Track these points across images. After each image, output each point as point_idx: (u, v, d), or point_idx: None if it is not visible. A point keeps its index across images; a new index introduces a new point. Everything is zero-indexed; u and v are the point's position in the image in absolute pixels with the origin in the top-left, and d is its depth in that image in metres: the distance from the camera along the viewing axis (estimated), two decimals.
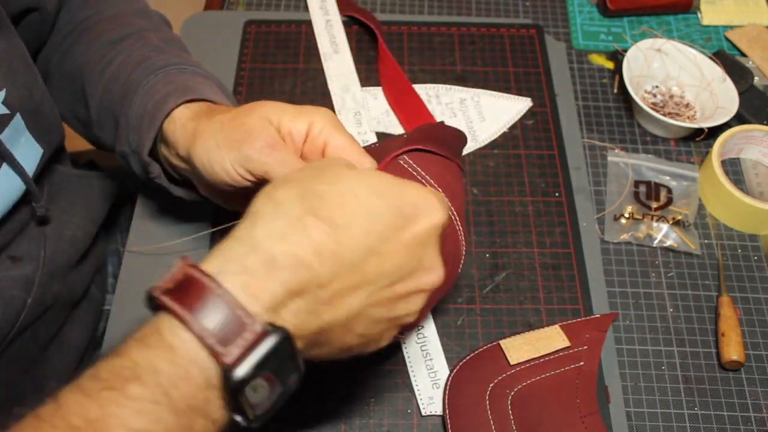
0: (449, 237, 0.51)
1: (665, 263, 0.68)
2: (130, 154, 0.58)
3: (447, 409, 0.57)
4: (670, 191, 0.72)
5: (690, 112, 0.77)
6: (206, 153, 0.49)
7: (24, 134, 0.56)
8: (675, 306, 0.65)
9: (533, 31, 0.84)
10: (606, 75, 0.82)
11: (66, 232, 0.65)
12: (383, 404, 0.59)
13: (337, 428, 0.58)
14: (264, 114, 0.49)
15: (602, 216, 0.70)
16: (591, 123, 0.78)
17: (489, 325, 0.63)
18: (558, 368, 0.59)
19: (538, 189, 0.72)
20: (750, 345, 0.63)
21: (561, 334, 0.61)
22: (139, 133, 0.55)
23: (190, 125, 0.52)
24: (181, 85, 0.56)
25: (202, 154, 0.50)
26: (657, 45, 0.78)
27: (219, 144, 0.49)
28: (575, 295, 0.65)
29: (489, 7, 0.88)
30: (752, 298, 0.66)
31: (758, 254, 0.69)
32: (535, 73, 0.81)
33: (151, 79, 0.57)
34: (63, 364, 0.68)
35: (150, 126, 0.54)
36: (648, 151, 0.75)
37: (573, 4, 0.89)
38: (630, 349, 0.63)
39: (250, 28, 0.83)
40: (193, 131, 0.51)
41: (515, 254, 0.67)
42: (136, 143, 0.56)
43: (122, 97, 0.58)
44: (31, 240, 0.61)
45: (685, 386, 0.61)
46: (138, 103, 0.56)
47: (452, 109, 0.77)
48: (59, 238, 0.64)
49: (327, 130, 0.48)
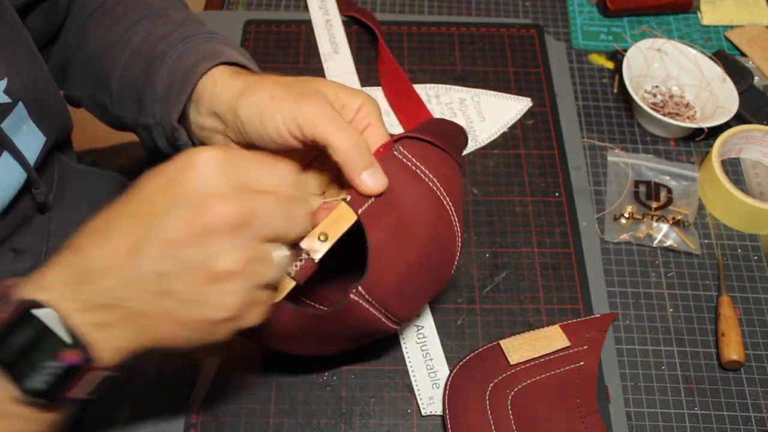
0: (442, 225, 0.51)
1: (665, 263, 0.68)
2: (154, 126, 0.57)
3: (447, 409, 0.57)
4: (670, 191, 0.72)
5: (690, 112, 0.77)
6: (258, 106, 0.49)
7: (26, 122, 0.56)
8: (675, 306, 0.65)
9: (533, 31, 0.84)
10: (606, 75, 0.82)
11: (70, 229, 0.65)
12: (383, 404, 0.59)
13: (337, 428, 0.58)
14: (321, 85, 0.50)
15: (602, 216, 0.70)
16: (591, 123, 0.78)
17: (489, 325, 0.63)
18: (558, 368, 0.59)
19: (538, 189, 0.72)
20: (750, 345, 0.63)
21: (561, 334, 0.61)
22: (167, 101, 0.55)
23: (236, 81, 0.52)
24: (212, 51, 0.55)
25: (252, 107, 0.49)
26: (657, 45, 0.78)
27: (275, 95, 0.48)
28: (575, 295, 0.65)
29: (489, 7, 0.88)
30: (752, 298, 0.66)
31: (758, 254, 0.69)
32: (535, 73, 0.81)
33: (179, 47, 0.56)
34: None
35: (182, 90, 0.54)
36: (648, 151, 0.75)
37: (573, 4, 0.89)
38: (630, 349, 0.63)
39: (250, 28, 0.83)
40: (243, 85, 0.51)
41: (515, 254, 0.67)
42: (162, 114, 0.56)
43: (146, 71, 0.57)
44: (34, 234, 0.61)
45: (685, 386, 0.61)
46: (165, 74, 0.56)
47: (452, 109, 0.77)
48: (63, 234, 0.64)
49: (374, 116, 0.50)
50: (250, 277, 0.39)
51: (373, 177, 0.47)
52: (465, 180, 0.72)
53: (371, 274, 0.47)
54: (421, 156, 0.51)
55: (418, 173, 0.50)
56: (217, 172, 0.38)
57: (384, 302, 0.48)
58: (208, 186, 0.38)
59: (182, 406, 0.58)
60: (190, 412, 0.58)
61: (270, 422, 0.58)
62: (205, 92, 0.53)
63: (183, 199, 0.37)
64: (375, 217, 0.47)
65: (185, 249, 0.37)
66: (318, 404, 0.59)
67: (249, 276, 0.39)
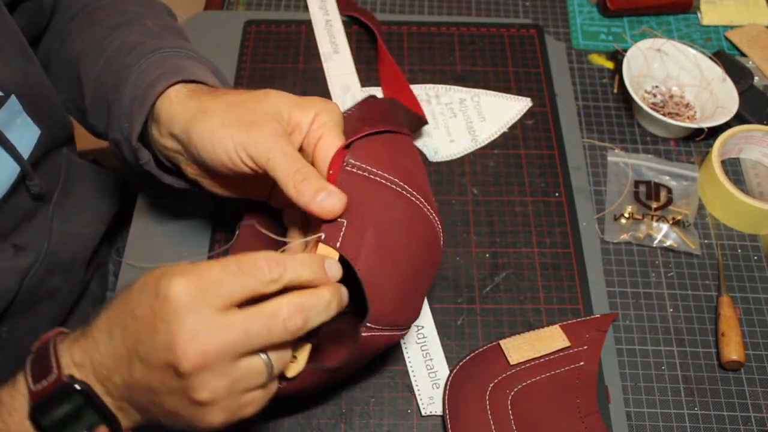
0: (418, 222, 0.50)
1: (665, 263, 0.68)
2: (123, 142, 0.56)
3: (447, 409, 0.57)
4: (670, 191, 0.72)
5: (690, 112, 0.77)
6: (209, 131, 0.48)
7: (20, 115, 0.55)
8: (675, 306, 0.65)
9: (533, 31, 0.84)
10: (606, 75, 0.82)
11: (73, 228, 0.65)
12: (383, 404, 0.59)
13: (337, 428, 0.58)
14: (275, 103, 0.49)
15: (602, 216, 0.70)
16: (591, 123, 0.78)
17: (489, 325, 0.63)
18: (558, 368, 0.59)
19: (538, 189, 0.72)
20: (750, 345, 0.63)
21: (561, 334, 0.61)
22: (130, 117, 0.54)
23: (191, 103, 0.50)
24: (173, 66, 0.54)
25: (203, 131, 0.48)
26: (657, 45, 0.78)
27: (225, 123, 0.48)
28: (575, 295, 0.65)
29: (489, 7, 0.88)
30: (752, 298, 0.66)
31: (758, 254, 0.69)
32: (535, 73, 0.81)
33: (143, 62, 0.55)
34: None
35: (141, 107, 0.53)
36: (648, 151, 0.75)
37: (573, 4, 0.89)
38: (630, 349, 0.63)
39: (250, 28, 0.83)
40: (195, 108, 0.50)
41: (515, 254, 0.67)
42: (128, 129, 0.55)
43: (115, 84, 0.56)
44: (37, 231, 0.61)
45: (685, 386, 0.61)
46: (130, 88, 0.55)
47: (452, 109, 0.77)
48: (65, 232, 0.64)
49: (328, 125, 0.48)
50: (235, 396, 0.40)
51: (329, 199, 0.46)
52: (465, 180, 0.72)
53: (373, 304, 0.46)
54: (374, 158, 0.49)
55: (377, 180, 0.49)
56: (189, 306, 0.38)
57: (391, 321, 0.48)
58: (181, 328, 0.38)
59: None
60: None
61: (270, 422, 0.58)
62: (162, 112, 0.52)
63: (163, 334, 0.39)
64: (354, 244, 0.46)
65: (167, 378, 0.39)
66: (318, 404, 0.59)
67: (233, 395, 0.40)
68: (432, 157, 0.73)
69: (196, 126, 0.49)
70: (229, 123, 0.48)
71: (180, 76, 0.53)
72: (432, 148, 0.74)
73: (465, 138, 0.75)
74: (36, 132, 0.58)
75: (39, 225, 0.61)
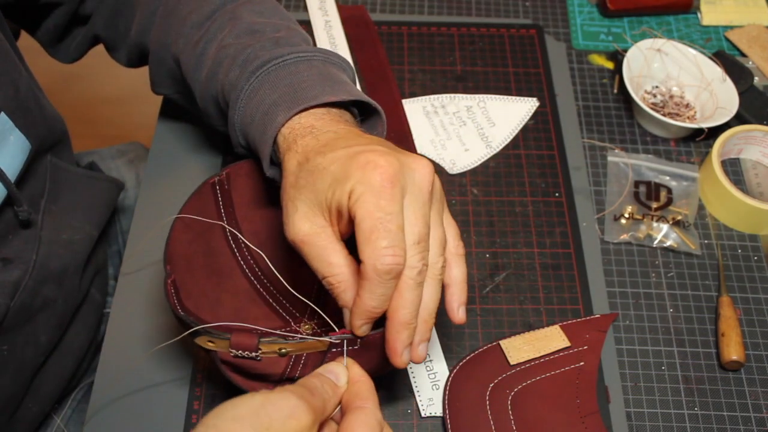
0: None
1: (665, 263, 0.68)
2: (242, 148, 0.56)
3: (447, 410, 0.57)
4: (670, 191, 0.72)
5: (690, 113, 0.77)
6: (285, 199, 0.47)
7: (13, 132, 0.55)
8: (675, 306, 0.65)
9: (533, 31, 0.84)
10: (606, 75, 0.82)
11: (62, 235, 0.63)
12: (383, 404, 0.59)
13: None
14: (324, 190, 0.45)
15: (602, 216, 0.70)
16: (591, 123, 0.78)
17: (489, 325, 0.63)
18: (558, 368, 0.59)
19: (538, 189, 0.72)
20: (750, 345, 0.63)
21: (561, 334, 0.61)
22: (249, 136, 0.53)
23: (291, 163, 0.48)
24: (286, 90, 0.51)
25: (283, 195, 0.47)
26: (657, 45, 0.78)
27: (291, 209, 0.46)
28: (575, 295, 0.65)
29: (489, 7, 0.88)
30: (752, 298, 0.66)
31: (758, 254, 0.69)
32: (535, 73, 0.81)
33: (252, 82, 0.53)
34: (61, 368, 0.68)
35: (262, 141, 0.51)
36: (648, 151, 0.75)
37: (573, 4, 0.89)
38: (630, 349, 0.63)
39: None
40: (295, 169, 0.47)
41: (515, 254, 0.67)
42: (246, 143, 0.55)
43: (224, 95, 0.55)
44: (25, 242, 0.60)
45: (685, 386, 0.61)
46: (241, 110, 0.53)
47: (460, 117, 0.77)
48: (54, 242, 0.62)
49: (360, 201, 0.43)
50: None
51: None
52: (465, 180, 0.72)
53: None
54: None
55: None
56: None
57: None
58: None
59: (182, 404, 0.58)
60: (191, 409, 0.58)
61: None
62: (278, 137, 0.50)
63: None
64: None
65: None
66: None
67: None
68: (450, 169, 0.73)
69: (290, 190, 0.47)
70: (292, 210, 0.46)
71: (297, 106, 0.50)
72: (449, 160, 0.73)
73: (479, 145, 0.74)
74: (27, 147, 0.57)
75: (27, 236, 0.60)
